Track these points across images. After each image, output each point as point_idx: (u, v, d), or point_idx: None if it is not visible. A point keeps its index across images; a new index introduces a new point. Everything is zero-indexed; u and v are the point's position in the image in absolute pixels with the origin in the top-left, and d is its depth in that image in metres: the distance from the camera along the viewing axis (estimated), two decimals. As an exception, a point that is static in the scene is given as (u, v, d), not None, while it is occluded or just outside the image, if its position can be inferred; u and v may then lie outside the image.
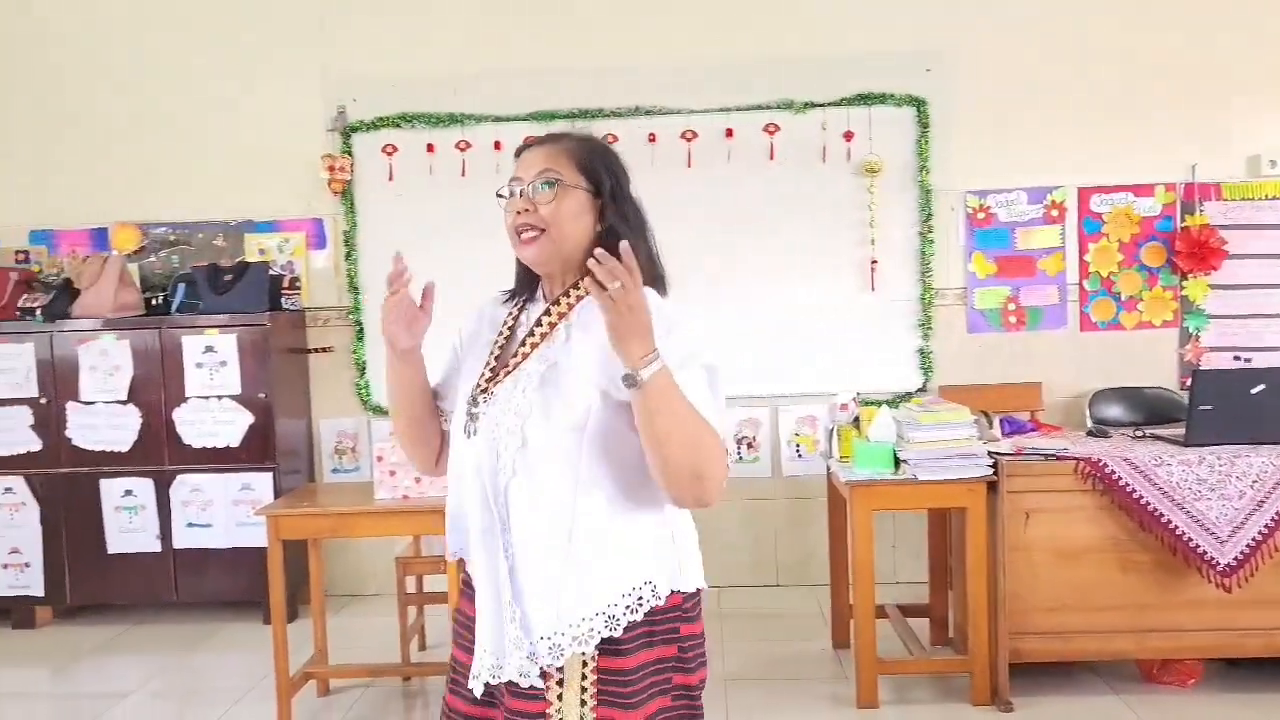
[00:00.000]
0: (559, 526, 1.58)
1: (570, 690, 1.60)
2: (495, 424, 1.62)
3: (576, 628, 1.57)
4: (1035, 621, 3.33)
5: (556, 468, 1.58)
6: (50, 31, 4.96)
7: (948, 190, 4.75)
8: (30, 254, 4.93)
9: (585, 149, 1.70)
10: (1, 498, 4.56)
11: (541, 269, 1.69)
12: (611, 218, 1.67)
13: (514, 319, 1.73)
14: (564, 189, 1.64)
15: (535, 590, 1.59)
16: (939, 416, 3.36)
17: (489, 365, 1.69)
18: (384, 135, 4.84)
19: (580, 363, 1.60)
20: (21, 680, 4.10)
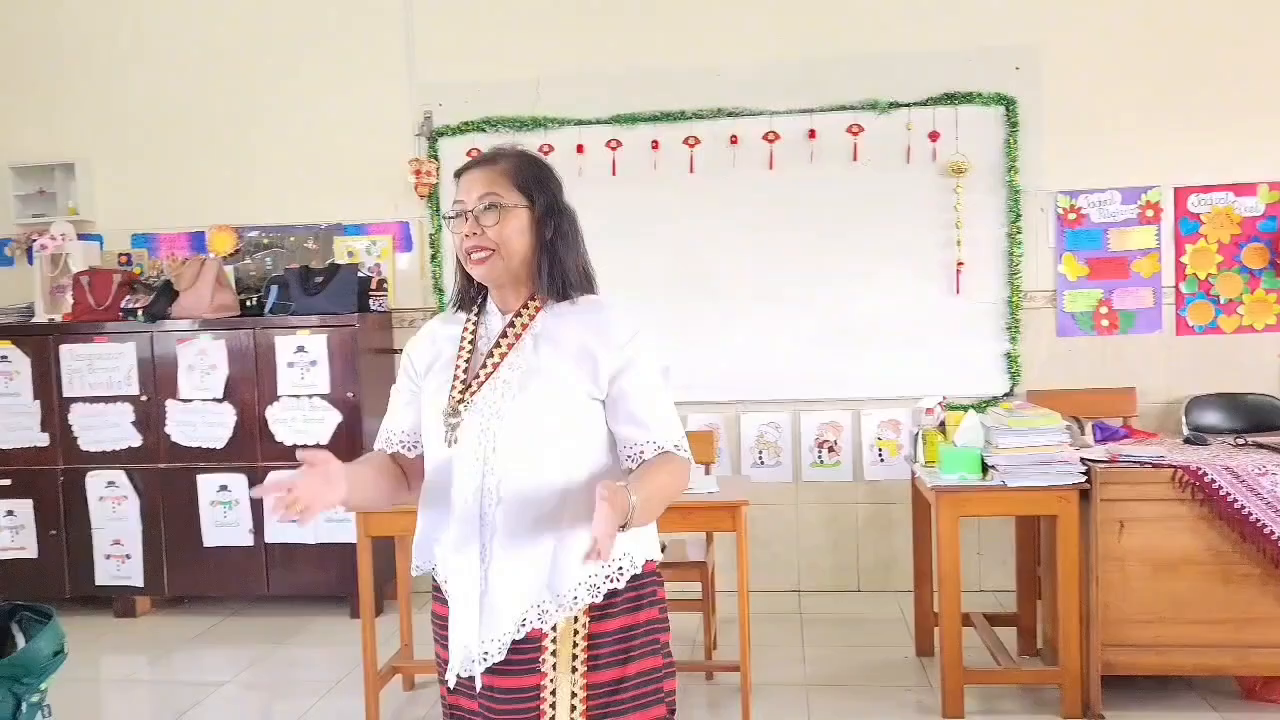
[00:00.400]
0: (548, 517, 1.74)
1: (563, 657, 1.75)
2: (480, 429, 1.75)
3: (563, 596, 1.74)
4: (1129, 633, 3.24)
5: (545, 463, 1.74)
6: (152, 47, 5.14)
7: (1037, 191, 4.65)
8: (132, 257, 5.12)
9: (520, 168, 1.83)
10: (105, 491, 4.74)
11: (494, 284, 1.83)
12: (548, 231, 1.81)
13: (472, 333, 1.85)
14: (506, 210, 1.78)
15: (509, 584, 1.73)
16: (1029, 421, 3.29)
17: (458, 378, 1.81)
18: (468, 139, 4.92)
19: (554, 366, 1.76)
20: (123, 667, 4.26)
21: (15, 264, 5.22)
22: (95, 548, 4.76)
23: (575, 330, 1.79)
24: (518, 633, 1.75)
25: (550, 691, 1.75)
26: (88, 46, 5.18)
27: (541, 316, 1.81)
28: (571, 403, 1.76)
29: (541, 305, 1.82)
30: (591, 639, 1.77)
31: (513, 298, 1.84)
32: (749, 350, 4.78)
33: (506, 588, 1.74)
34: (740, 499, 3.33)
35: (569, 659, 1.76)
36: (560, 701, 1.75)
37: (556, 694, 1.75)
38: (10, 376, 4.76)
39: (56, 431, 4.75)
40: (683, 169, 4.80)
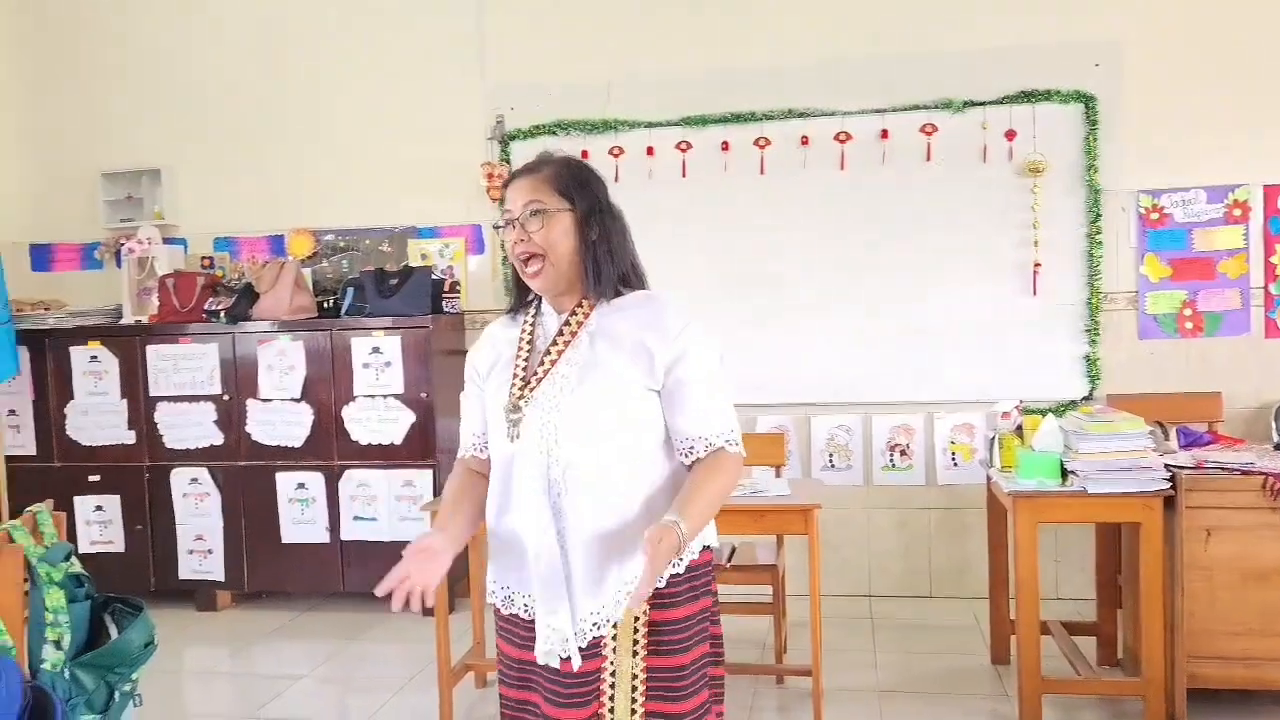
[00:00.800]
0: (613, 505, 1.80)
1: (623, 643, 1.81)
2: (542, 423, 1.82)
3: (631, 584, 1.78)
4: (1216, 645, 3.15)
5: (607, 453, 1.80)
6: (232, 57, 5.28)
7: (1118, 190, 4.54)
8: (215, 260, 5.26)
9: (561, 173, 1.90)
10: (188, 488, 4.89)
11: (548, 289, 1.89)
12: (593, 231, 1.87)
13: (530, 333, 1.93)
14: (549, 215, 1.85)
15: (590, 565, 1.79)
16: (1111, 426, 3.21)
17: (518, 376, 1.88)
18: (540, 142, 4.95)
19: (612, 361, 1.83)
20: (205, 659, 4.38)
21: (105, 267, 5.40)
22: (179, 543, 4.91)
23: (629, 325, 1.85)
24: (604, 627, 1.80)
25: (610, 674, 1.81)
26: (172, 57, 5.34)
27: (595, 314, 1.88)
28: (629, 394, 1.82)
29: (594, 304, 1.89)
30: (651, 625, 1.82)
31: (567, 300, 1.91)
32: (820, 352, 4.74)
33: (589, 571, 1.80)
34: (812, 502, 3.31)
35: (629, 644, 1.82)
36: (620, 683, 1.81)
37: (616, 676, 1.81)
38: (100, 376, 4.93)
39: (143, 429, 4.90)
40: (753, 170, 4.78)
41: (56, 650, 2.46)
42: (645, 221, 5.05)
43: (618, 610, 1.80)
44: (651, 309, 1.87)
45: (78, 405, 4.95)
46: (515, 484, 1.85)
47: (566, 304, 1.90)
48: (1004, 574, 3.82)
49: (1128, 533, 3.52)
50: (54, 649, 2.46)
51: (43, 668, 2.44)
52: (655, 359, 1.82)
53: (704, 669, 1.87)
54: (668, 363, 1.82)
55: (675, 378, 1.83)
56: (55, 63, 5.47)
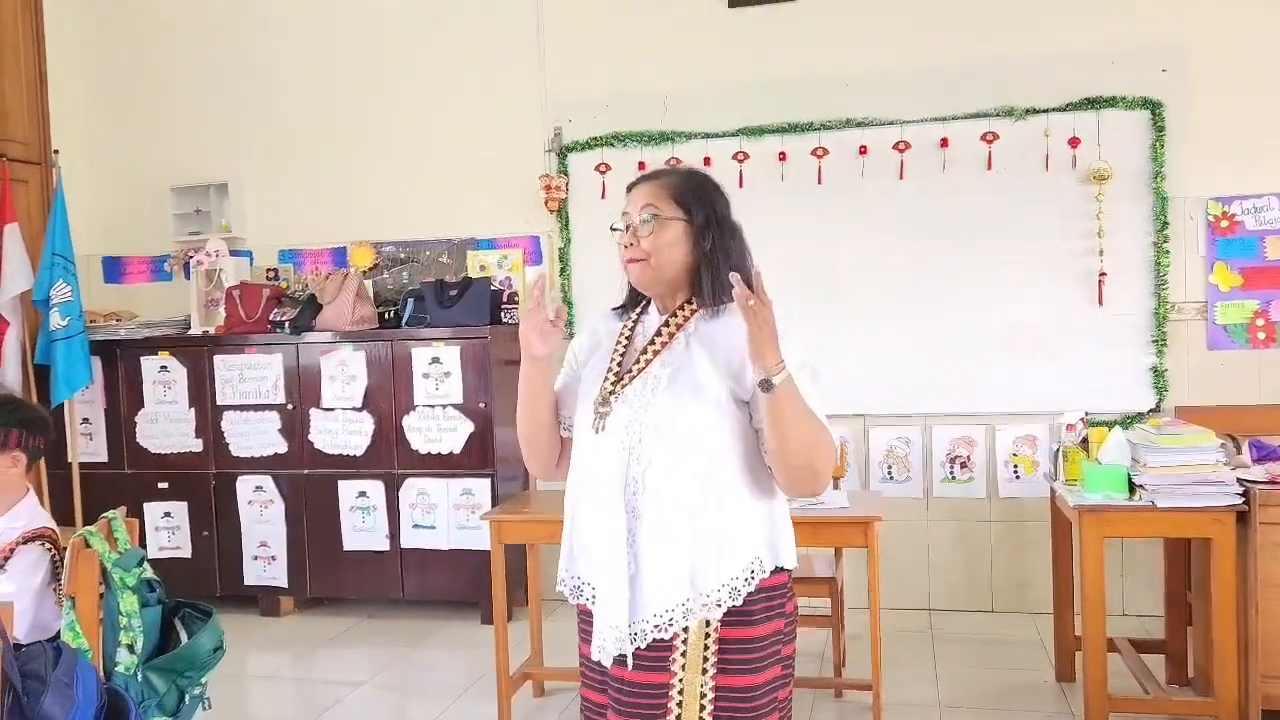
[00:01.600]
0: (688, 510, 1.78)
1: (693, 659, 1.79)
2: (628, 420, 1.83)
3: (706, 597, 1.78)
4: (1293, 666, 3.05)
5: (688, 457, 1.79)
6: (296, 73, 5.39)
7: (1186, 197, 4.45)
8: (279, 271, 5.37)
9: (682, 184, 1.92)
10: (253, 495, 4.98)
11: (647, 290, 1.93)
12: (707, 243, 1.88)
13: (630, 330, 1.95)
14: (661, 222, 1.88)
15: (659, 569, 1.78)
16: (1181, 439, 3.14)
17: (612, 370, 1.90)
18: (597, 154, 4.99)
19: (704, 366, 1.83)
20: (269, 664, 4.46)
21: (174, 279, 5.54)
22: (244, 549, 5.00)
23: (727, 332, 1.85)
24: (665, 631, 1.79)
25: (678, 690, 1.80)
26: (238, 75, 5.47)
27: (696, 319, 1.90)
28: (717, 401, 1.82)
29: (697, 309, 1.90)
30: (722, 643, 1.80)
31: (670, 302, 1.93)
32: (879, 362, 4.70)
33: (656, 573, 1.79)
34: (872, 514, 3.28)
35: (699, 660, 1.80)
36: (688, 701, 1.79)
37: (684, 693, 1.80)
38: (169, 385, 5.06)
39: (209, 437, 5.01)
40: (810, 180, 4.76)
41: (130, 654, 2.53)
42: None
43: (689, 617, 1.78)
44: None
45: (147, 414, 5.08)
46: (594, 476, 1.86)
47: (670, 305, 1.92)
48: (1069, 589, 3.74)
49: (1198, 548, 3.43)
50: (128, 652, 2.53)
51: (117, 670, 2.50)
52: (747, 368, 1.79)
53: (774, 692, 1.85)
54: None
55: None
56: (126, 81, 5.63)
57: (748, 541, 1.83)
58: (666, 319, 1.90)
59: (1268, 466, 3.29)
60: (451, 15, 5.20)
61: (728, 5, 4.86)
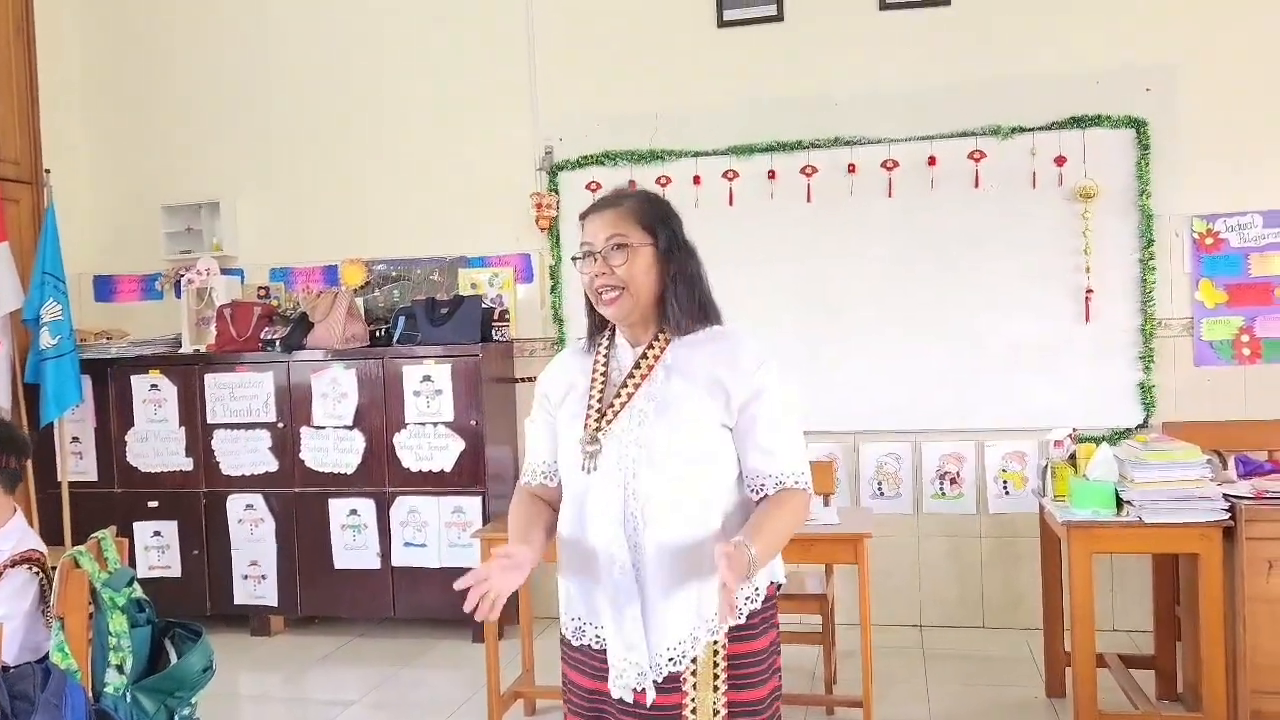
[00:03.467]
0: (692, 540, 1.80)
1: (704, 678, 1.81)
2: (619, 455, 1.83)
3: (710, 621, 1.80)
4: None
5: (686, 487, 1.81)
6: (288, 93, 5.41)
7: (1171, 215, 4.49)
8: (271, 290, 5.38)
9: (644, 208, 1.91)
10: (243, 514, 4.97)
11: (625, 321, 1.91)
12: (672, 267, 1.88)
13: (604, 365, 1.92)
14: (633, 250, 1.86)
15: (665, 598, 1.80)
16: (1168, 454, 3.17)
17: (593, 408, 1.88)
18: (588, 172, 5.02)
19: (687, 395, 1.83)
20: (258, 684, 4.44)
21: (165, 297, 5.54)
22: (234, 568, 4.99)
23: (705, 361, 1.86)
24: (680, 662, 1.80)
25: (691, 710, 1.82)
26: (230, 95, 5.48)
27: (671, 348, 1.89)
28: (706, 430, 1.83)
29: (670, 338, 1.89)
30: (731, 659, 1.83)
31: (642, 332, 1.92)
32: (868, 379, 4.72)
33: (665, 606, 1.80)
34: (862, 531, 3.30)
35: (710, 679, 1.82)
36: (701, 718, 1.81)
37: (697, 712, 1.81)
38: (159, 404, 5.05)
39: (200, 456, 5.01)
40: (800, 198, 4.79)
41: (119, 674, 2.53)
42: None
43: (696, 645, 1.80)
44: (728, 345, 1.89)
45: (138, 432, 5.08)
46: (590, 516, 1.85)
47: (641, 336, 1.91)
48: (1058, 605, 3.76)
49: (1186, 564, 3.45)
50: (116, 673, 2.53)
51: (105, 691, 2.50)
52: (731, 396, 1.83)
53: (776, 702, 1.89)
54: (743, 400, 1.83)
55: (749, 415, 1.84)
56: (118, 100, 5.64)
57: None
58: (643, 351, 1.89)
59: (1254, 482, 3.31)
60: (443, 34, 5.23)
61: (717, 25, 4.91)
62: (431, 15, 5.24)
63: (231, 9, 5.49)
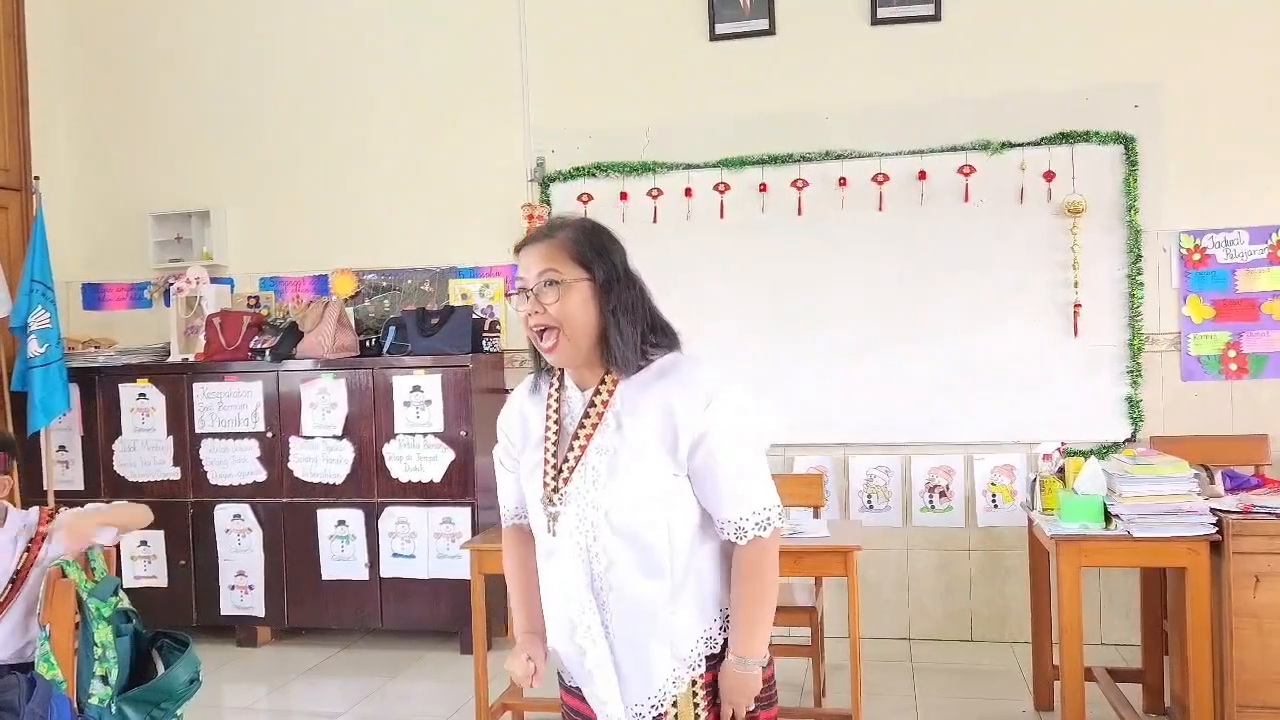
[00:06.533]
0: (658, 593, 1.77)
1: (684, 710, 1.80)
2: (578, 518, 1.78)
3: (687, 658, 1.79)
4: (1268, 694, 3.07)
5: (646, 544, 1.76)
6: (279, 103, 5.42)
7: (1159, 231, 4.52)
8: (260, 299, 5.36)
9: (578, 239, 1.78)
10: (231, 524, 4.95)
11: (565, 365, 1.82)
12: (611, 301, 1.76)
13: (556, 410, 1.85)
14: (566, 286, 1.75)
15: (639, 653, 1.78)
16: (1155, 469, 3.17)
17: (549, 464, 1.82)
18: (579, 184, 5.02)
19: (640, 446, 1.76)
20: (245, 695, 4.41)
21: (154, 306, 5.52)
22: (221, 578, 4.96)
23: (655, 398, 1.77)
24: (661, 706, 1.79)
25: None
26: (221, 102, 5.48)
27: (620, 390, 1.80)
28: (661, 484, 1.77)
29: (618, 379, 1.80)
30: (707, 688, 1.81)
31: (589, 374, 1.83)
32: (858, 392, 4.74)
33: (638, 660, 1.79)
34: (852, 544, 3.30)
35: (690, 711, 1.81)
36: None
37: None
38: (147, 413, 5.03)
39: (188, 466, 4.98)
40: (790, 211, 4.81)
41: (104, 685, 2.51)
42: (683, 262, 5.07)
43: (679, 684, 1.79)
44: (677, 382, 1.77)
45: (125, 441, 5.05)
46: (558, 577, 1.83)
47: (589, 378, 1.82)
48: (1047, 618, 3.76)
49: (1173, 578, 3.46)
50: (102, 684, 2.51)
51: (90, 702, 2.48)
52: (679, 440, 1.74)
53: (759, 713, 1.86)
54: (691, 443, 1.75)
55: (699, 461, 1.75)
56: (108, 108, 5.63)
57: (715, 593, 1.83)
58: (591, 399, 1.80)
59: (1240, 496, 3.33)
60: (435, 45, 5.24)
61: (709, 38, 4.93)
62: (424, 26, 5.25)
63: (223, 18, 5.49)
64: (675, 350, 1.84)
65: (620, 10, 5.02)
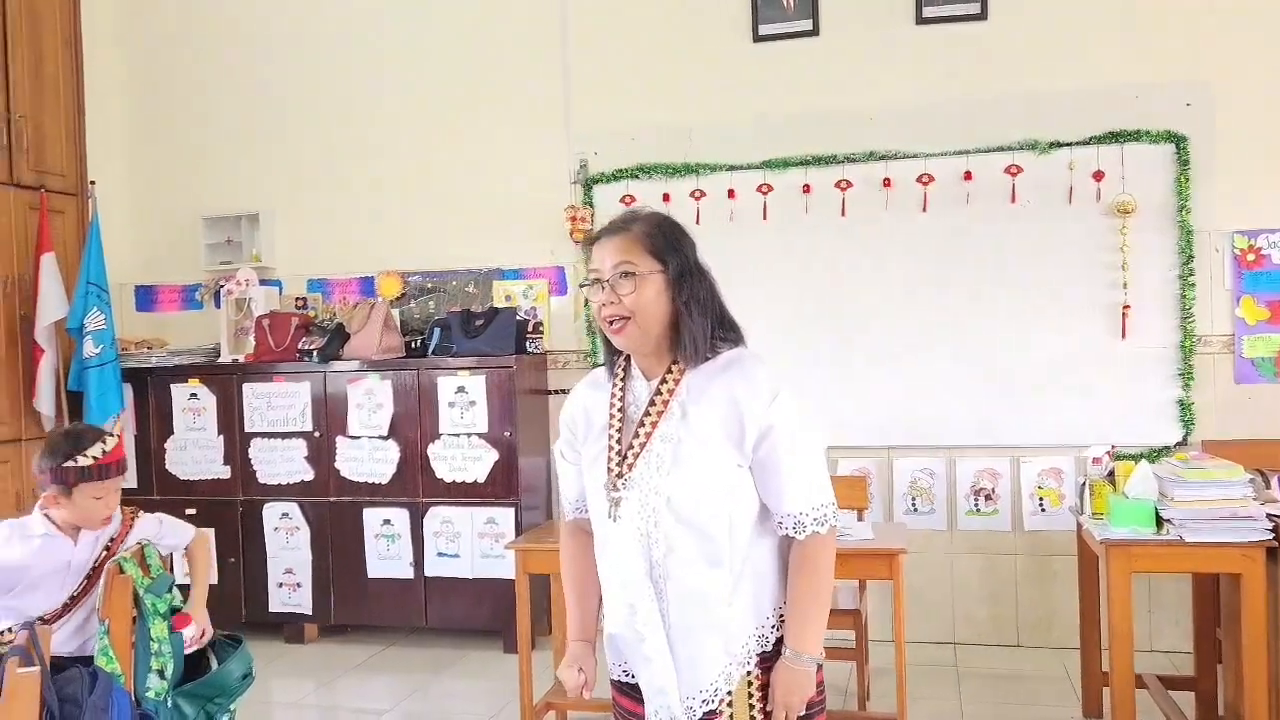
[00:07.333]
0: (716, 583, 1.78)
1: (739, 709, 1.80)
2: (641, 504, 1.80)
3: (739, 654, 1.80)
4: (1325, 704, 3.02)
5: (707, 533, 1.78)
6: (326, 108, 5.49)
7: (1211, 231, 4.44)
8: (308, 300, 5.44)
9: (652, 233, 1.83)
10: (279, 522, 5.02)
11: (634, 351, 1.86)
12: (684, 294, 1.81)
13: (620, 400, 1.87)
14: (641, 278, 1.79)
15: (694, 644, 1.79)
16: (1208, 473, 3.12)
17: (614, 450, 1.84)
18: (622, 186, 5.04)
19: (705, 435, 1.78)
20: (292, 691, 4.47)
21: (205, 308, 5.62)
22: (269, 576, 5.03)
23: (721, 389, 1.80)
24: (713, 702, 1.79)
25: None
26: (270, 109, 5.57)
27: (686, 379, 1.83)
28: (724, 475, 1.80)
29: (684, 368, 1.83)
30: (765, 688, 1.82)
31: (655, 363, 1.86)
32: (902, 394, 4.70)
33: (694, 651, 1.80)
34: (897, 546, 3.28)
35: (745, 710, 1.81)
36: None
37: None
38: (198, 413, 5.12)
39: (237, 464, 5.07)
40: (834, 212, 4.79)
41: (160, 679, 2.56)
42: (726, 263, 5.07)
43: (730, 681, 1.80)
44: (742, 376, 1.81)
45: (177, 440, 5.15)
46: (616, 565, 1.86)
47: (655, 367, 1.86)
48: (1095, 624, 3.72)
49: (1227, 584, 3.40)
50: (158, 678, 2.56)
51: (147, 695, 2.53)
52: (745, 433, 1.78)
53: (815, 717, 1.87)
54: (757, 436, 1.78)
55: (763, 453, 1.79)
56: (160, 114, 5.74)
57: (769, 589, 1.84)
58: (657, 387, 1.83)
59: (1297, 501, 3.27)
60: (478, 49, 5.28)
61: (752, 39, 4.92)
62: (467, 30, 5.30)
63: (272, 26, 5.58)
64: (741, 346, 1.89)
65: (663, 12, 5.03)
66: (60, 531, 2.62)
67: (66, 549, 2.62)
